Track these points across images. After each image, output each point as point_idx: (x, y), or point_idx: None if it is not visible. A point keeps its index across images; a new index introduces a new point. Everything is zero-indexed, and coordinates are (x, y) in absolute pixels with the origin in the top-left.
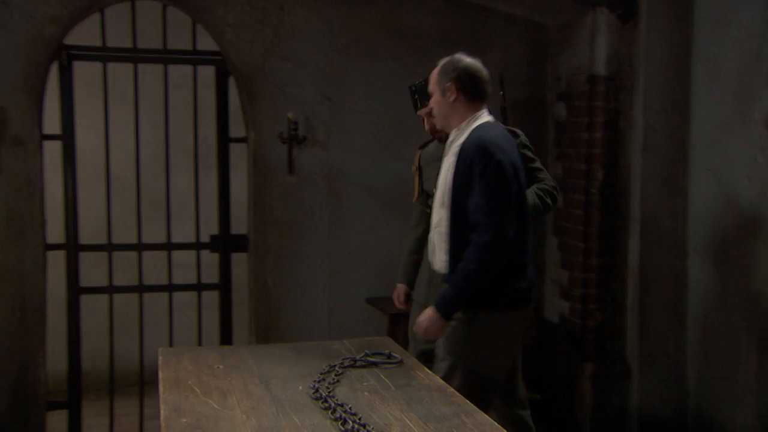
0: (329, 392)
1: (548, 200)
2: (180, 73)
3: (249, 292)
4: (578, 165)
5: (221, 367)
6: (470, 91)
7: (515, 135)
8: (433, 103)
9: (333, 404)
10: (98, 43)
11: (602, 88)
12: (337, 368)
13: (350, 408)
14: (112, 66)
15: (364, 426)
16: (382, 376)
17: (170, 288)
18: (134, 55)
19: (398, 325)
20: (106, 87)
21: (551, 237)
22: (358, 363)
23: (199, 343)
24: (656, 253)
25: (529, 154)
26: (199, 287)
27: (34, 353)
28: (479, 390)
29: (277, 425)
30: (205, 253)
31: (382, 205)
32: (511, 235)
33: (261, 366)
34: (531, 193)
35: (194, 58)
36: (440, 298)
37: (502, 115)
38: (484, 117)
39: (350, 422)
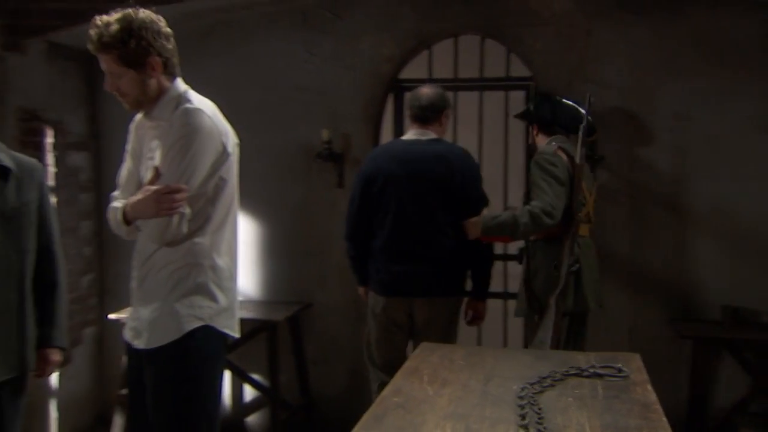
0: (532, 393)
1: (524, 219)
2: (496, 98)
3: None
4: None
5: (462, 363)
6: (409, 114)
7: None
8: None
9: (526, 402)
10: (425, 75)
11: None
12: (558, 375)
13: (540, 408)
14: None
15: (540, 423)
16: (599, 387)
17: (505, 296)
18: (455, 84)
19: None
20: None
21: None
22: (584, 373)
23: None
24: None
25: (538, 172)
26: (504, 296)
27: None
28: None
29: (467, 413)
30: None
31: (686, 225)
32: (349, 231)
33: (495, 366)
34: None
35: (506, 84)
36: None
37: (582, 132)
38: (409, 135)
39: (528, 418)
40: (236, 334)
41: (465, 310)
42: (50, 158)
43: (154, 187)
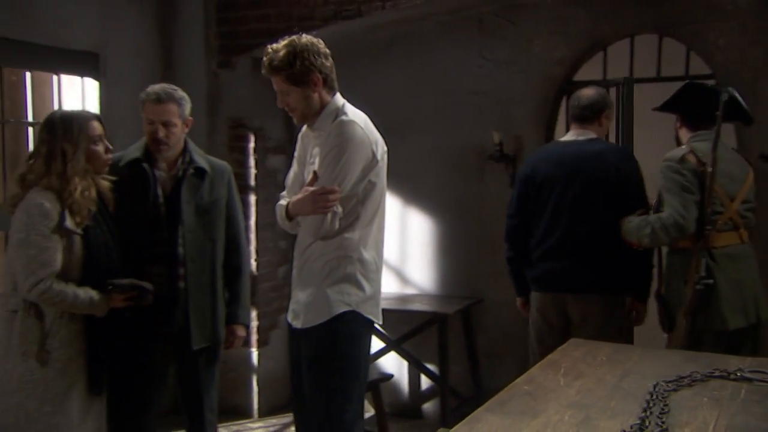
0: (665, 390)
1: (646, 230)
2: None
3: None
4: None
5: (604, 359)
6: (570, 114)
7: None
8: None
9: (654, 398)
10: (600, 77)
11: None
12: (699, 375)
13: (666, 405)
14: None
15: (660, 418)
16: (742, 391)
17: None
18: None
19: None
20: None
21: None
22: (731, 376)
23: None
24: None
25: (662, 182)
26: None
27: None
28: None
29: (591, 404)
30: None
31: None
32: (507, 232)
33: (638, 363)
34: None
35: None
36: None
37: (715, 136)
38: (568, 135)
39: (648, 412)
40: (379, 321)
41: (629, 310)
42: (252, 161)
43: (311, 188)
